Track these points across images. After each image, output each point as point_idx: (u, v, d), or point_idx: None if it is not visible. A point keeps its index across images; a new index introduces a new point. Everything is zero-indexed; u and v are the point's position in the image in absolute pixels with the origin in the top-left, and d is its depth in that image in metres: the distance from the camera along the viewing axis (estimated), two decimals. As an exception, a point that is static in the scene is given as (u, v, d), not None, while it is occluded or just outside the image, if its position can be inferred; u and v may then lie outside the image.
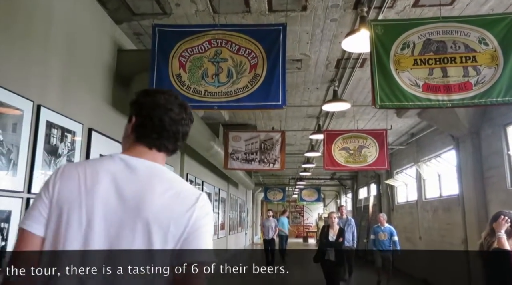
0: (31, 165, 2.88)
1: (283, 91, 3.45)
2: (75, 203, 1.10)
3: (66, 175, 1.15)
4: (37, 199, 1.14)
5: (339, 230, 6.37)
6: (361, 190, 18.24)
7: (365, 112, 8.51)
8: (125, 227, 1.09)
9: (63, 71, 3.39)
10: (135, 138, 1.26)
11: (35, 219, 1.12)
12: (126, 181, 1.14)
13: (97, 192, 1.11)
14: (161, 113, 1.23)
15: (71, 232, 1.08)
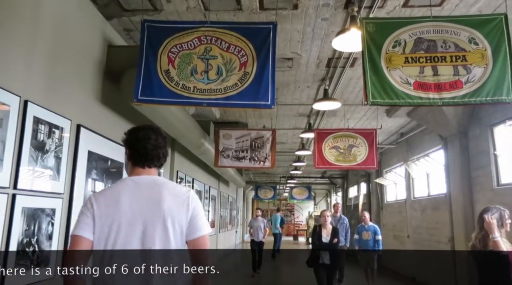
0: (18, 161, 2.84)
1: (272, 90, 3.45)
2: (107, 217, 1.65)
3: (98, 199, 1.71)
4: (82, 216, 1.68)
5: (332, 229, 5.76)
6: (351, 189, 18.36)
7: (356, 111, 8.56)
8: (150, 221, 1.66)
9: (52, 66, 3.35)
10: (132, 164, 1.83)
11: (86, 228, 1.65)
12: (137, 194, 1.71)
13: (120, 207, 1.67)
14: (142, 144, 1.79)
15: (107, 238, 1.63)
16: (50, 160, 3.27)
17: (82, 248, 1.62)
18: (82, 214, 1.68)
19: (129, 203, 1.67)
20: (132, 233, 1.64)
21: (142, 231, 1.65)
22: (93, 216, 1.66)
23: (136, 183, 1.75)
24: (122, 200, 1.68)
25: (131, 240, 1.63)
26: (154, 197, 1.70)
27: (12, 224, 2.77)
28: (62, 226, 3.47)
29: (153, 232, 1.64)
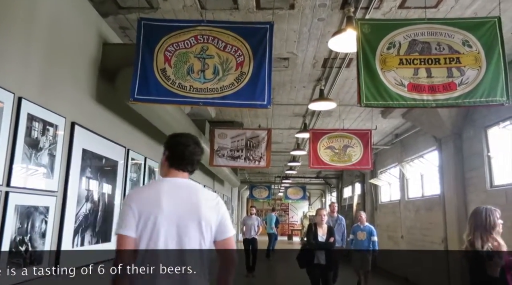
0: (11, 158, 2.82)
1: (268, 90, 3.45)
2: (150, 213, 1.81)
3: (139, 196, 1.90)
4: (124, 215, 1.84)
5: (328, 229, 5.54)
6: (346, 189, 18.42)
7: (351, 111, 8.59)
8: (186, 220, 1.84)
9: (46, 63, 3.33)
10: (169, 165, 2.01)
11: (130, 227, 1.81)
12: (176, 194, 1.90)
13: (161, 204, 1.83)
14: (182, 148, 1.99)
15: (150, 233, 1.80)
16: (44, 158, 3.25)
17: (128, 246, 1.80)
18: (124, 213, 1.85)
19: (169, 203, 1.85)
20: (170, 230, 1.82)
21: (179, 229, 1.83)
22: (134, 214, 1.82)
23: (175, 184, 1.95)
24: (162, 199, 1.85)
25: (170, 237, 1.82)
26: (191, 200, 1.90)
27: (5, 222, 2.75)
28: (56, 224, 3.45)
29: (189, 231, 1.84)
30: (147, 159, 5.92)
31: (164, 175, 2.01)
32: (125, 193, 5.01)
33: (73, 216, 3.73)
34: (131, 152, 5.24)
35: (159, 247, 1.79)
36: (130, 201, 1.87)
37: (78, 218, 3.83)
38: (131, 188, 5.25)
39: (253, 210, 10.53)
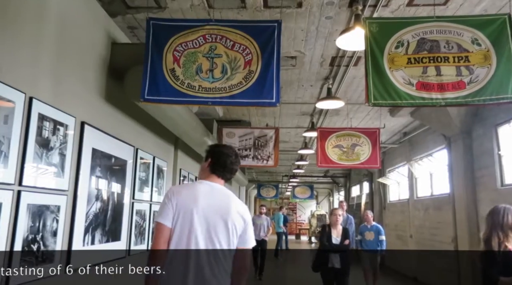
0: (23, 157, 2.85)
1: (277, 88, 3.45)
2: (187, 208, 2.06)
3: (179, 192, 2.16)
4: (164, 206, 2.08)
5: (343, 230, 5.13)
6: (354, 188, 18.34)
7: (359, 110, 8.55)
8: (217, 220, 2.07)
9: (56, 63, 3.36)
10: (210, 171, 2.23)
11: (167, 217, 2.06)
12: (211, 196, 2.14)
13: (198, 202, 2.08)
14: (225, 158, 2.24)
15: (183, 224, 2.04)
16: (55, 157, 3.29)
17: (164, 233, 2.05)
18: (164, 204, 2.10)
19: (204, 202, 2.10)
20: (201, 226, 2.06)
21: (209, 227, 2.08)
22: (172, 206, 2.08)
23: (212, 188, 2.19)
24: (199, 198, 2.11)
25: (199, 232, 2.05)
26: (223, 203, 2.14)
27: (18, 221, 2.78)
28: (67, 223, 3.48)
29: (218, 230, 2.08)
30: (155, 158, 5.95)
31: (204, 178, 2.26)
32: (134, 193, 5.05)
33: (84, 215, 3.76)
34: (139, 151, 5.28)
35: (189, 238, 2.04)
36: (171, 195, 2.12)
37: (88, 217, 3.86)
38: (140, 188, 5.28)
39: (263, 210, 9.82)
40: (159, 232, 2.05)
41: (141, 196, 5.36)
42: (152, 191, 5.82)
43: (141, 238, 5.38)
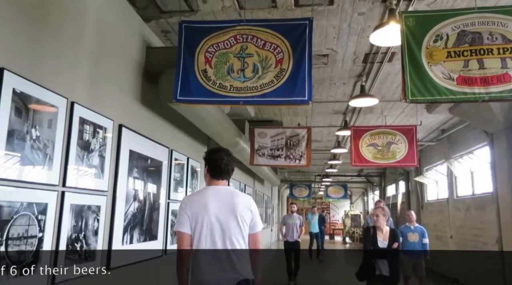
0: (66, 159, 2.99)
1: (309, 86, 3.41)
2: (200, 215, 2.40)
3: (190, 201, 2.49)
4: (181, 217, 2.43)
5: (390, 232, 4.36)
6: (389, 187, 17.88)
7: (394, 107, 8.32)
8: (227, 218, 2.41)
9: (94, 68, 3.49)
10: (210, 176, 2.57)
11: (185, 226, 2.40)
12: (218, 198, 2.46)
13: (208, 207, 2.41)
14: (218, 162, 2.54)
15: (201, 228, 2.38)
16: (95, 159, 3.41)
17: (185, 239, 2.40)
18: (181, 215, 2.44)
19: (213, 205, 2.42)
20: (215, 226, 2.39)
21: (222, 226, 2.40)
22: (188, 216, 2.41)
23: (217, 191, 2.51)
24: (208, 203, 2.43)
25: (216, 231, 2.39)
26: (230, 202, 2.47)
27: (62, 220, 2.91)
28: (107, 222, 3.61)
29: (230, 226, 2.41)
30: (189, 159, 6.05)
31: (208, 184, 2.59)
32: (169, 193, 5.16)
33: (122, 215, 3.89)
34: (174, 152, 5.39)
35: (206, 240, 2.38)
36: (184, 206, 2.45)
37: (127, 217, 3.98)
38: (175, 188, 5.39)
39: (294, 207, 9.04)
40: (181, 239, 2.40)
41: (176, 196, 5.47)
42: (186, 191, 5.93)
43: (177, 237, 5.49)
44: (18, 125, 2.51)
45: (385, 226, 4.38)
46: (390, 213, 4.35)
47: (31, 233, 2.60)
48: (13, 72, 2.48)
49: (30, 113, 2.62)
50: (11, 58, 2.49)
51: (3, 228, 2.36)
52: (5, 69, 2.41)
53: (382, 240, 4.26)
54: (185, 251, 2.36)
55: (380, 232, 4.34)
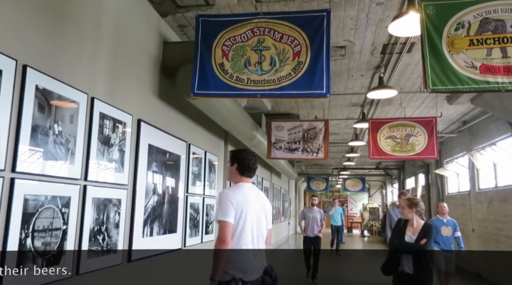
0: (87, 154, 3.05)
1: (327, 79, 3.38)
2: (244, 208, 2.65)
3: (235, 195, 2.69)
4: (228, 206, 2.62)
5: (423, 227, 3.82)
6: (408, 180, 17.62)
7: (413, 99, 8.16)
8: (260, 212, 2.77)
9: (113, 64, 3.54)
10: (239, 173, 2.83)
11: (230, 216, 2.61)
12: (253, 195, 2.80)
13: (249, 202, 2.70)
14: (247, 162, 2.83)
15: (245, 219, 2.64)
16: (115, 154, 3.47)
17: (229, 228, 2.59)
18: (226, 205, 2.63)
19: (252, 200, 2.73)
20: (254, 220, 2.70)
21: (257, 219, 2.73)
22: (234, 207, 2.62)
23: (251, 188, 2.83)
24: (249, 198, 2.72)
25: (254, 225, 2.70)
26: (260, 199, 2.85)
27: (85, 213, 2.98)
28: (128, 216, 3.68)
29: (261, 221, 2.78)
30: (207, 153, 6.10)
31: (237, 181, 2.83)
32: (187, 187, 5.22)
33: (142, 208, 3.95)
34: (192, 146, 5.43)
35: (248, 231, 2.66)
36: (231, 198, 2.65)
37: (147, 210, 4.05)
38: (193, 182, 5.45)
39: (315, 200, 8.41)
40: (225, 227, 2.59)
41: (194, 190, 5.53)
42: (204, 185, 5.98)
43: (195, 230, 5.55)
44: (41, 120, 2.57)
45: (416, 219, 3.88)
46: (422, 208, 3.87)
47: (55, 226, 2.67)
48: (36, 69, 2.54)
49: (52, 109, 2.69)
50: (33, 55, 2.54)
51: (29, 220, 2.44)
52: (28, 66, 2.47)
53: (411, 235, 3.83)
54: (228, 239, 2.57)
55: (410, 226, 3.90)
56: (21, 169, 2.39)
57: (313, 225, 7.91)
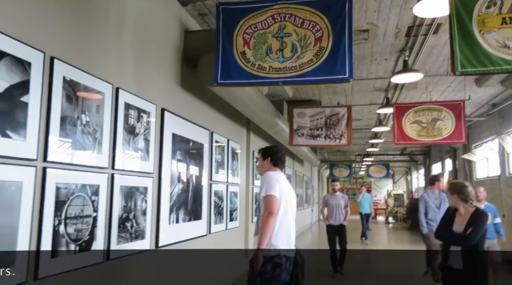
0: (114, 143, 3.12)
1: (350, 63, 3.32)
2: (284, 189, 3.11)
3: (277, 178, 3.11)
4: (275, 184, 3.02)
5: (473, 215, 3.16)
6: (435, 165, 17.23)
7: (439, 82, 7.92)
8: (292, 197, 3.23)
9: (136, 54, 3.59)
10: (273, 165, 3.25)
11: (277, 191, 2.99)
12: (285, 181, 3.25)
13: (285, 184, 3.18)
14: (280, 155, 3.29)
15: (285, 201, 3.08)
16: (140, 143, 3.55)
17: (277, 202, 2.98)
18: (273, 183, 3.02)
19: (288, 185, 3.20)
20: (289, 200, 3.12)
21: (291, 201, 3.16)
22: (280, 187, 3.03)
23: (283, 176, 3.26)
24: (286, 183, 3.19)
25: (289, 203, 3.12)
26: (290, 187, 3.26)
27: (113, 201, 3.07)
28: (154, 203, 3.77)
29: (293, 203, 3.21)
30: (229, 141, 6.14)
31: (269, 170, 3.22)
32: (211, 174, 5.28)
33: (168, 196, 4.04)
34: (214, 134, 5.48)
35: (287, 209, 3.08)
36: (277, 177, 3.11)
37: (172, 198, 4.13)
38: (216, 170, 5.51)
39: (337, 185, 7.61)
40: (274, 201, 2.96)
41: (218, 177, 5.59)
42: (228, 173, 6.04)
43: (220, 217, 5.63)
44: (69, 111, 2.65)
45: (463, 206, 3.27)
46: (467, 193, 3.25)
47: (86, 213, 2.77)
48: (62, 61, 2.60)
49: (79, 100, 2.76)
50: (59, 47, 2.61)
51: (61, 208, 2.53)
52: (55, 58, 2.54)
53: (460, 225, 3.25)
54: (276, 212, 2.94)
55: (459, 215, 3.32)
56: (52, 158, 2.47)
57: (337, 213, 7.15)
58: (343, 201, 7.31)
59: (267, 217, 2.89)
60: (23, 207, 2.24)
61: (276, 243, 2.92)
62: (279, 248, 2.91)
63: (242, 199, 6.92)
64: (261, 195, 3.01)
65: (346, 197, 7.51)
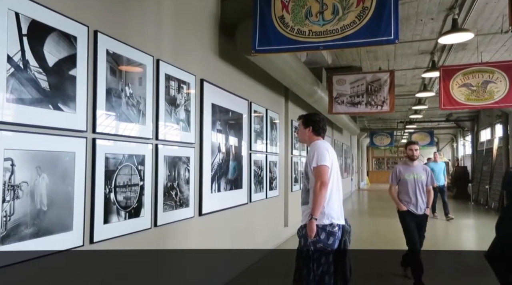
0: (156, 114, 3.19)
1: (395, 23, 3.13)
2: (332, 156, 3.09)
3: (327, 147, 3.09)
4: (325, 154, 3.00)
5: None
6: (483, 132, 16.34)
7: (492, 41, 7.37)
8: (338, 166, 3.19)
9: (174, 25, 3.58)
10: (314, 134, 3.21)
11: (328, 161, 2.98)
12: (333, 151, 3.17)
13: (333, 154, 3.14)
14: (322, 124, 3.23)
15: (335, 170, 3.10)
16: (181, 113, 3.60)
17: (328, 171, 2.98)
18: (323, 153, 3.00)
19: (333, 154, 3.14)
20: (336, 168, 3.13)
21: (337, 169, 3.14)
22: (329, 156, 3.02)
23: (327, 143, 3.18)
24: (333, 152, 3.15)
25: (336, 172, 3.12)
26: (335, 154, 3.22)
27: (158, 170, 3.17)
28: (196, 172, 3.86)
29: (339, 171, 3.19)
30: (268, 110, 6.10)
31: (312, 140, 3.19)
32: (250, 144, 5.31)
33: (209, 166, 4.12)
34: (253, 104, 5.46)
35: (337, 178, 3.11)
36: (325, 148, 3.06)
37: (213, 167, 4.21)
38: (255, 140, 5.53)
39: (416, 151, 4.72)
40: (326, 171, 2.96)
41: (257, 147, 5.62)
42: (267, 143, 6.05)
43: (260, 186, 5.70)
44: (113, 84, 2.71)
45: None
46: None
47: (134, 182, 2.88)
48: (105, 34, 2.64)
49: (122, 72, 2.81)
50: (102, 20, 2.64)
51: (111, 177, 2.65)
52: (99, 32, 2.58)
53: None
54: (328, 181, 2.95)
55: None
56: (101, 130, 2.57)
57: (419, 194, 4.54)
58: (424, 175, 4.64)
59: (321, 187, 2.88)
60: (77, 176, 2.36)
61: (328, 212, 2.93)
62: (331, 217, 2.93)
63: (281, 168, 6.94)
64: (312, 165, 2.98)
65: (429, 170, 4.76)
